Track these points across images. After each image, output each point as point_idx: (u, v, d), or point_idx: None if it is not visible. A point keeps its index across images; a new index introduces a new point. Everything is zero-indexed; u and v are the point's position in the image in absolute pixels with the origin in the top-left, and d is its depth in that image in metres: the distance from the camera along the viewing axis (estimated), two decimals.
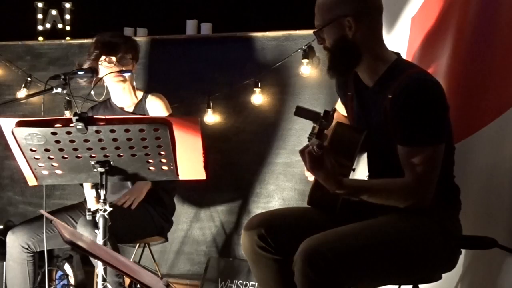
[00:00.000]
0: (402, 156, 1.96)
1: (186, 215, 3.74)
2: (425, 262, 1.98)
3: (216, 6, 4.13)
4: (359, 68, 2.06)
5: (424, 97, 1.93)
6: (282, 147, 3.58)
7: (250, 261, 2.12)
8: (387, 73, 2.03)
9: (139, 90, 3.04)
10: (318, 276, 1.82)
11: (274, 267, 2.07)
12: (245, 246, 2.11)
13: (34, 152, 2.11)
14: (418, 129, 1.93)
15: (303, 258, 1.85)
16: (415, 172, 1.92)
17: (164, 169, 2.17)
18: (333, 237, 1.90)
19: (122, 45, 2.89)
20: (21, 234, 2.81)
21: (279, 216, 2.15)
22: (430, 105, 1.94)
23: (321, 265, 1.82)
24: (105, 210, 2.16)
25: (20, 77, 3.95)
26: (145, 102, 2.98)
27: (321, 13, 2.04)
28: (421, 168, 1.92)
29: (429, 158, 1.93)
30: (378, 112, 2.03)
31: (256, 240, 2.06)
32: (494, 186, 2.21)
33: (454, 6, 2.56)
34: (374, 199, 1.98)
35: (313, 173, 1.92)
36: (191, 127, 2.09)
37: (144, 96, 3.01)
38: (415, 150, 1.93)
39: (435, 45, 2.65)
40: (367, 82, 2.09)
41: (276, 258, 2.06)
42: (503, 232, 2.11)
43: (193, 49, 3.79)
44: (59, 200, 3.88)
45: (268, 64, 3.58)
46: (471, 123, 2.36)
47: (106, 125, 2.04)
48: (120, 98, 3.00)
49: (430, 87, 1.96)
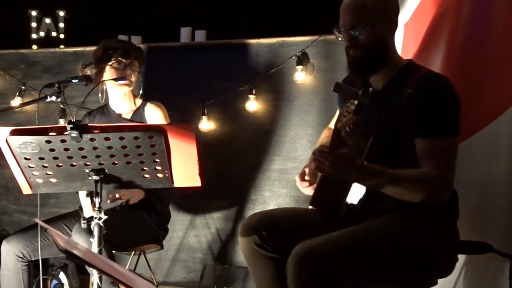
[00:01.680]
0: (422, 149, 1.97)
1: (181, 223, 3.74)
2: (421, 267, 1.98)
3: (210, 14, 4.14)
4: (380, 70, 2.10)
5: (444, 91, 1.99)
6: (277, 153, 3.58)
7: (248, 260, 2.12)
8: (400, 73, 2.07)
9: (138, 98, 3.04)
10: (311, 280, 1.82)
11: (271, 266, 2.06)
12: (243, 244, 2.10)
13: (29, 160, 2.10)
14: (440, 121, 1.96)
15: (296, 261, 1.85)
16: (439, 164, 1.93)
17: (159, 176, 2.16)
18: (327, 241, 1.90)
19: (132, 51, 2.94)
20: (15, 243, 2.80)
21: (278, 215, 2.15)
22: (449, 99, 1.99)
23: (313, 269, 1.82)
24: (100, 218, 2.15)
25: (14, 85, 3.95)
26: (144, 110, 2.99)
27: (362, 12, 2.04)
28: (444, 160, 1.94)
29: (450, 150, 1.96)
30: (387, 112, 2.04)
31: (255, 238, 2.06)
32: (490, 190, 2.21)
33: (446, 11, 2.58)
34: (395, 188, 1.93)
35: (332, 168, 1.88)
36: (186, 134, 2.09)
37: (143, 104, 3.01)
38: (436, 142, 1.95)
39: (428, 50, 2.67)
40: (376, 85, 2.11)
41: (274, 256, 2.05)
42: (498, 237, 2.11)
43: (187, 57, 3.79)
44: (54, 208, 3.87)
45: (262, 70, 3.59)
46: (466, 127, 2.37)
47: (100, 133, 2.04)
48: (118, 104, 3.00)
49: (448, 84, 2.02)
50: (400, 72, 2.08)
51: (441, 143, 1.96)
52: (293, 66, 3.47)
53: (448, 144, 1.96)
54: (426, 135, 1.97)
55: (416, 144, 1.98)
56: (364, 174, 1.91)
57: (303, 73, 3.46)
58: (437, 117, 1.96)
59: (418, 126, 1.98)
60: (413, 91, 1.99)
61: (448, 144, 1.96)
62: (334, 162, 1.87)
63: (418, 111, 1.98)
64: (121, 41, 3.04)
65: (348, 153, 1.87)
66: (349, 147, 1.87)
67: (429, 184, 1.93)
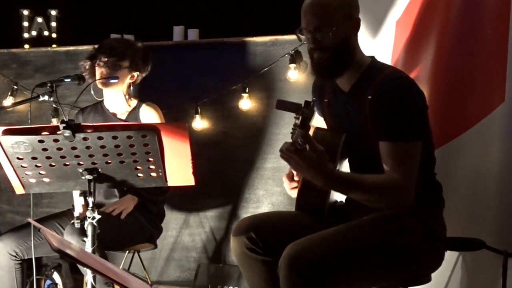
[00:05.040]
0: (383, 152, 1.97)
1: (175, 222, 3.73)
2: (410, 262, 1.99)
3: (203, 12, 4.14)
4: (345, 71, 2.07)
5: (401, 94, 1.97)
6: (270, 152, 3.58)
7: (240, 263, 2.13)
8: (362, 76, 2.06)
9: (133, 98, 3.02)
10: (303, 281, 1.83)
11: (263, 269, 2.07)
12: (235, 249, 2.11)
13: (21, 160, 2.10)
14: (397, 125, 1.95)
15: (287, 263, 1.85)
16: (400, 168, 1.93)
17: (153, 175, 2.16)
18: (317, 242, 1.91)
19: (118, 49, 2.87)
20: (9, 242, 2.79)
21: (268, 219, 2.16)
22: (406, 102, 1.97)
23: (305, 270, 1.83)
24: (93, 218, 2.14)
25: (6, 85, 3.93)
26: (139, 111, 2.97)
27: (326, 13, 2.01)
28: (405, 164, 1.94)
29: (410, 154, 1.95)
30: (358, 115, 2.04)
31: (246, 242, 2.06)
32: (481, 187, 2.23)
33: (437, 9, 2.58)
34: (361, 196, 1.96)
35: (299, 169, 1.91)
36: (179, 133, 2.09)
37: (138, 105, 2.99)
38: (396, 145, 1.95)
39: (419, 48, 2.67)
40: (343, 87, 2.11)
41: (266, 259, 2.06)
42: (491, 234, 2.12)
43: (180, 55, 3.79)
44: (47, 208, 3.85)
45: (255, 69, 3.59)
46: (456, 125, 2.38)
47: (93, 132, 2.03)
48: (112, 103, 2.99)
49: (406, 85, 2.00)
50: (364, 74, 2.05)
51: (401, 146, 1.95)
52: (286, 65, 3.47)
53: (408, 148, 1.95)
54: (386, 138, 1.97)
55: (379, 146, 1.99)
56: (331, 180, 1.91)
57: (296, 71, 3.46)
58: (396, 121, 1.95)
59: (379, 129, 1.99)
60: (373, 97, 1.99)
61: (408, 148, 1.95)
62: (299, 163, 1.86)
63: (379, 116, 1.98)
64: (117, 40, 2.99)
65: (314, 157, 1.86)
66: (318, 152, 1.85)
67: (391, 192, 1.94)
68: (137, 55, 2.93)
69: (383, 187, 1.95)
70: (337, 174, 1.94)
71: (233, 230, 2.13)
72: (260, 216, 2.21)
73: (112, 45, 2.88)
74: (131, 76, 2.93)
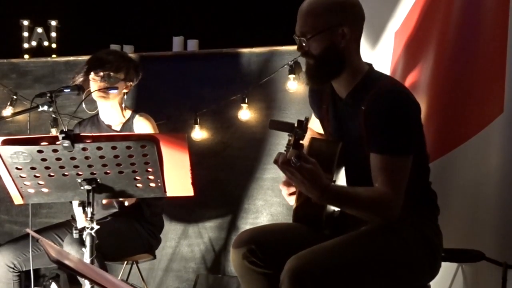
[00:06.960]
0: (373, 164, 1.97)
1: (174, 232, 3.73)
2: (410, 271, 1.99)
3: (202, 23, 4.16)
4: (336, 78, 2.06)
5: (393, 108, 1.96)
6: (269, 162, 3.58)
7: (240, 276, 2.12)
8: (359, 85, 2.04)
9: (127, 109, 3.02)
10: None
11: (264, 282, 2.06)
12: (235, 261, 2.10)
13: (20, 170, 2.09)
14: (389, 138, 1.94)
15: (290, 276, 1.84)
16: (388, 182, 1.92)
17: (152, 186, 2.16)
18: (319, 255, 1.90)
19: (113, 62, 2.86)
20: (7, 253, 2.78)
21: (268, 231, 2.15)
22: (399, 116, 1.95)
23: (308, 284, 1.82)
24: (92, 228, 2.14)
25: (5, 95, 3.93)
26: (133, 122, 2.97)
27: (311, 20, 1.99)
28: (393, 178, 1.92)
29: (398, 168, 1.94)
30: (354, 124, 2.05)
31: (246, 255, 2.05)
32: (481, 198, 2.22)
33: (435, 20, 2.59)
34: (352, 210, 1.97)
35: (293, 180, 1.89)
36: (178, 143, 2.09)
37: (132, 116, 2.98)
38: (385, 158, 1.94)
39: (417, 59, 2.68)
40: (341, 94, 2.10)
41: (266, 272, 2.05)
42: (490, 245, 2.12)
43: (180, 66, 3.79)
44: (46, 218, 3.84)
45: (255, 79, 3.60)
46: (455, 136, 2.38)
47: (92, 142, 2.03)
48: (107, 116, 2.98)
49: (399, 98, 1.98)
50: (361, 82, 2.04)
51: (391, 160, 1.94)
52: (286, 75, 3.48)
53: (398, 162, 1.94)
54: (377, 151, 1.96)
55: (370, 158, 1.98)
56: (325, 195, 1.88)
57: (295, 82, 3.46)
58: (388, 135, 1.94)
59: (371, 141, 1.98)
60: (366, 108, 1.98)
61: (398, 162, 1.94)
62: (294, 174, 1.84)
63: (371, 128, 1.97)
64: (108, 52, 2.97)
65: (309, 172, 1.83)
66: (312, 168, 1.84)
67: (382, 206, 1.93)
68: (130, 65, 2.95)
69: (375, 203, 1.94)
70: (331, 189, 1.91)
71: (234, 242, 2.12)
72: (261, 229, 2.20)
73: (107, 59, 2.87)
74: (126, 87, 2.94)
